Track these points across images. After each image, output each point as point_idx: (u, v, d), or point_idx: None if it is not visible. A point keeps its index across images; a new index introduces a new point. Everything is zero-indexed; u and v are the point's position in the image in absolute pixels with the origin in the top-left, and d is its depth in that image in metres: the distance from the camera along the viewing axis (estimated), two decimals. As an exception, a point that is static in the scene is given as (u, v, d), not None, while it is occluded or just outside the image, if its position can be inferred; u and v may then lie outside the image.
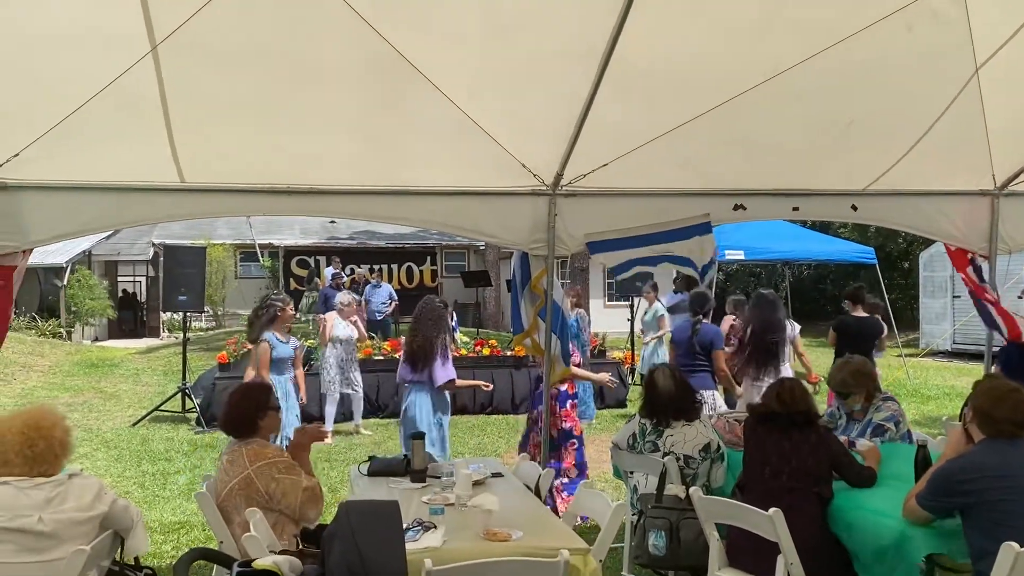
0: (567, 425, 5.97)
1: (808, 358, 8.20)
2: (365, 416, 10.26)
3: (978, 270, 5.65)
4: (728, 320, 8.17)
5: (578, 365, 6.16)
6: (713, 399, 6.64)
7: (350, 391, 9.71)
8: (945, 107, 4.61)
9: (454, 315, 8.55)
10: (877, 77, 4.37)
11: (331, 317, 9.64)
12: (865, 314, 7.76)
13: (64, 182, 4.41)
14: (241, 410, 3.87)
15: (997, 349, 5.99)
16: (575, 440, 6.01)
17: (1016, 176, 5.47)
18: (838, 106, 4.61)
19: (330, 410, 9.53)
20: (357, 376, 9.72)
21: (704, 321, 6.86)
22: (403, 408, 6.06)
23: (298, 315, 15.82)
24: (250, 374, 6.98)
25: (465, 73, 4.06)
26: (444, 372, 5.89)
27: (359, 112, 4.32)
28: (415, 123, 4.42)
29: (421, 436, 4.44)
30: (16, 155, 4.16)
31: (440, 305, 6.15)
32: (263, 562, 2.59)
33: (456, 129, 4.33)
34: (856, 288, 8.01)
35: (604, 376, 6.72)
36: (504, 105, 4.33)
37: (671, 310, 11.04)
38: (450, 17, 3.67)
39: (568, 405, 6.00)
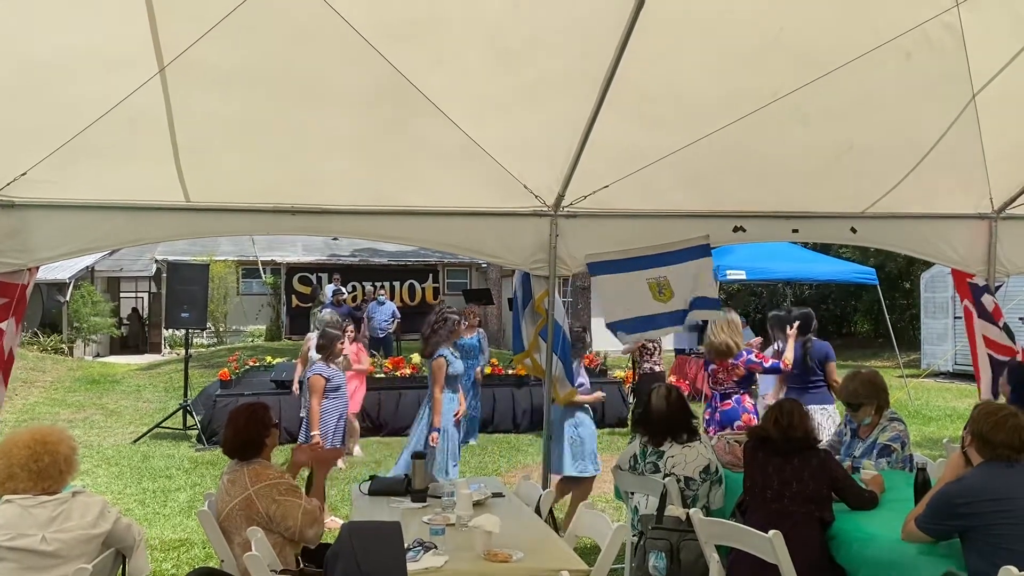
0: None
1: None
2: (366, 435, 10.16)
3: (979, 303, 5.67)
4: None
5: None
6: (835, 413, 6.59)
7: None
8: (943, 132, 4.66)
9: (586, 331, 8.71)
10: (876, 102, 4.43)
11: (312, 338, 8.96)
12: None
13: (71, 201, 4.46)
14: (248, 432, 3.84)
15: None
16: None
17: (1014, 199, 5.50)
18: (838, 130, 4.66)
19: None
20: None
21: (813, 338, 6.91)
22: None
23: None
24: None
25: (469, 96, 4.11)
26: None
27: (363, 133, 4.37)
28: (419, 145, 4.46)
29: (422, 456, 4.45)
30: (24, 174, 4.20)
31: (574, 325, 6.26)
32: (266, 582, 2.60)
33: (459, 151, 4.38)
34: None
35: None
36: (507, 127, 4.38)
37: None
38: (455, 41, 3.73)
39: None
